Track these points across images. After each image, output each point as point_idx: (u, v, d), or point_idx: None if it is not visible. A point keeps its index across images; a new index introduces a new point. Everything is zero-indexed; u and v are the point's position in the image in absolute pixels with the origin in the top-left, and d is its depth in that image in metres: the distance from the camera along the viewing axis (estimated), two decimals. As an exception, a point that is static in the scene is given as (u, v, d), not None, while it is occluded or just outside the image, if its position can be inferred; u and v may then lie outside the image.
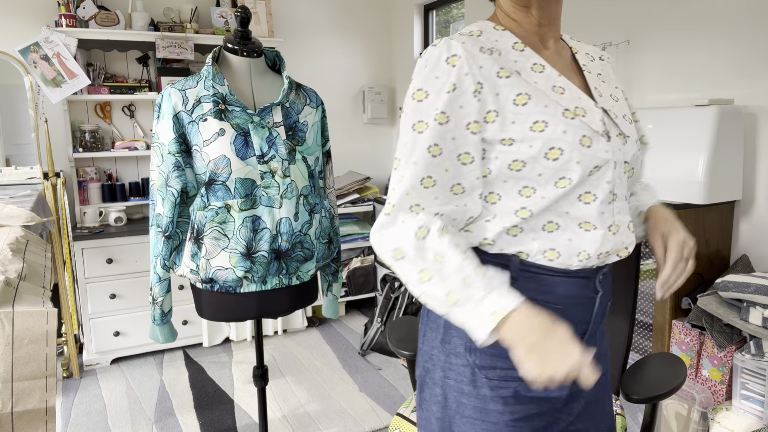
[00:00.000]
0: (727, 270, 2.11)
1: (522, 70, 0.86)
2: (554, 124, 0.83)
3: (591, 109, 0.87)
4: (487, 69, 0.84)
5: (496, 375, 0.87)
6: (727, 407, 1.90)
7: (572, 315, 0.90)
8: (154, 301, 1.62)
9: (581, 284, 0.90)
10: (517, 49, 0.88)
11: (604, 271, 0.94)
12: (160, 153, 1.54)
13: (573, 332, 0.91)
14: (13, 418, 0.82)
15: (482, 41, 0.87)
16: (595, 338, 0.98)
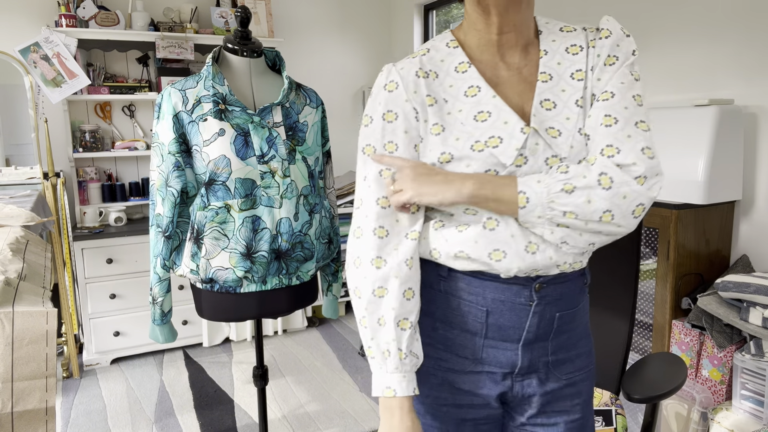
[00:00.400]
0: (727, 270, 2.11)
1: (453, 96, 0.89)
2: (459, 158, 0.86)
3: (511, 136, 0.84)
4: (420, 95, 0.89)
5: (427, 363, 0.96)
6: (727, 407, 1.90)
7: (502, 319, 0.91)
8: (154, 301, 1.62)
9: (513, 291, 0.90)
10: (460, 70, 0.90)
11: (546, 280, 0.90)
12: (160, 153, 1.54)
13: (502, 334, 0.91)
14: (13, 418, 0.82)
15: (424, 62, 0.91)
16: (539, 350, 0.93)
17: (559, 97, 0.87)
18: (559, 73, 0.89)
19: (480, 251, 0.87)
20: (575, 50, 0.90)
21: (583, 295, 0.98)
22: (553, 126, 0.86)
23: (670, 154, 2.06)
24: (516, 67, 0.90)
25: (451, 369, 0.94)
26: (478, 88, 0.88)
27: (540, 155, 0.85)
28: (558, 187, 0.80)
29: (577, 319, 0.96)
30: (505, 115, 0.86)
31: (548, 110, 0.86)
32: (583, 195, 0.80)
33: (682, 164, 2.02)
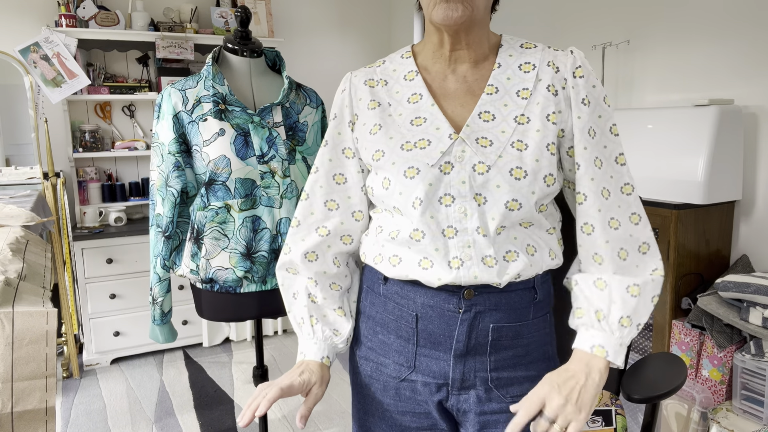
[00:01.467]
0: (727, 270, 2.11)
1: (396, 101, 0.94)
2: (389, 155, 0.90)
3: (439, 140, 0.87)
4: (363, 101, 0.96)
5: (369, 366, 0.99)
6: (727, 407, 1.90)
7: (431, 326, 0.91)
8: (154, 301, 1.62)
9: (441, 297, 0.89)
10: (408, 78, 0.95)
11: (476, 288, 0.88)
12: (160, 153, 1.54)
13: (433, 342, 0.91)
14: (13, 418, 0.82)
15: (376, 72, 0.98)
16: (475, 363, 0.91)
17: (499, 110, 0.89)
18: (507, 88, 0.91)
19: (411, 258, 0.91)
20: (527, 68, 0.91)
21: (533, 312, 0.93)
22: (485, 136, 0.87)
23: (670, 154, 2.06)
24: (464, 80, 0.93)
25: (390, 375, 0.96)
26: (420, 95, 0.92)
27: (467, 162, 0.86)
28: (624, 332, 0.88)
29: (524, 335, 0.92)
30: (438, 122, 0.89)
31: (485, 122, 0.88)
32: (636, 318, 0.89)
33: (682, 164, 2.02)
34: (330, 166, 0.99)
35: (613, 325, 0.88)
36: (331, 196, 0.98)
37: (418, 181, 0.86)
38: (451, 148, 0.87)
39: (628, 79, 2.51)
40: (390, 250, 0.92)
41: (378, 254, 0.95)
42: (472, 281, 0.86)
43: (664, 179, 2.08)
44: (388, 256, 0.92)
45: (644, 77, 2.45)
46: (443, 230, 0.86)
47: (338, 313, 0.99)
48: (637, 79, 2.47)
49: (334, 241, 1.00)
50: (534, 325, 0.94)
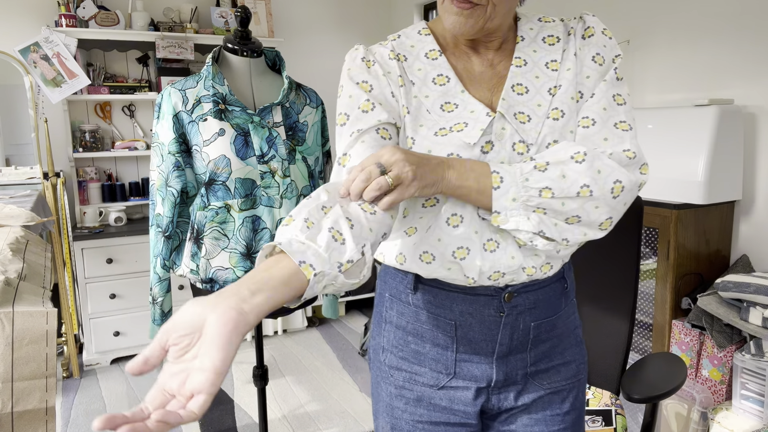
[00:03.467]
0: (727, 270, 2.11)
1: (420, 80, 0.86)
2: (421, 142, 0.83)
3: (477, 120, 0.82)
4: (393, 75, 0.86)
5: (401, 376, 0.92)
6: (727, 407, 1.90)
7: (472, 332, 0.87)
8: (154, 301, 1.62)
9: (481, 302, 0.86)
10: (431, 56, 0.87)
11: (516, 288, 0.86)
12: (160, 153, 1.54)
13: (474, 348, 0.88)
14: (13, 418, 0.82)
15: (394, 46, 0.88)
16: (517, 362, 0.90)
17: (532, 83, 0.85)
18: (534, 60, 0.86)
19: (444, 249, 0.83)
20: (552, 41, 0.88)
21: (564, 301, 0.93)
22: (522, 111, 0.83)
23: (670, 154, 2.06)
24: (490, 63, 0.88)
25: (426, 384, 0.91)
26: (447, 78, 0.86)
27: (507, 140, 0.82)
28: (530, 166, 0.77)
29: (558, 326, 0.92)
30: (472, 106, 0.84)
31: (519, 95, 0.84)
32: (557, 170, 0.76)
33: (682, 164, 2.02)
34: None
35: (525, 166, 0.78)
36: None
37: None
38: (490, 126, 0.82)
39: (628, 79, 2.51)
40: (420, 246, 0.85)
41: (399, 253, 0.88)
42: (509, 264, 0.82)
43: (664, 179, 2.08)
44: (419, 253, 0.85)
45: (644, 77, 2.45)
46: (479, 211, 0.81)
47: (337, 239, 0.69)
48: (637, 79, 2.47)
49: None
50: (565, 314, 0.93)
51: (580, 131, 0.83)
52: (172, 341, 0.54)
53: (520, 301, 0.87)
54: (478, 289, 0.85)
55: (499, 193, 0.77)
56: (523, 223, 0.77)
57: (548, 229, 0.77)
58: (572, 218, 0.78)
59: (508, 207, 0.77)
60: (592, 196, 0.76)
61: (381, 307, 0.97)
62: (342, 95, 0.86)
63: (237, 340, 0.54)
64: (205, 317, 0.54)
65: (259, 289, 0.59)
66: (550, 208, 0.77)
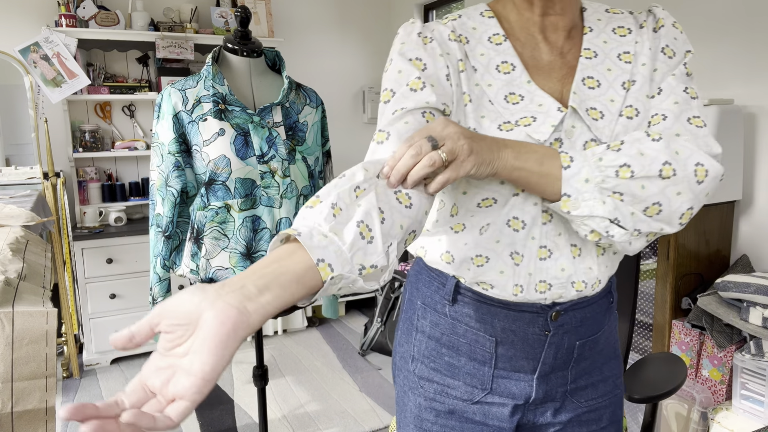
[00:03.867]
0: (727, 270, 2.11)
1: (483, 65, 0.78)
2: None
3: (547, 115, 0.75)
4: (453, 57, 0.78)
5: (432, 388, 0.87)
6: (727, 407, 1.90)
7: (513, 350, 0.82)
8: (154, 301, 1.62)
9: (525, 319, 0.80)
10: (494, 41, 0.79)
11: (565, 307, 0.80)
12: (160, 153, 1.54)
13: (514, 366, 0.82)
14: (13, 418, 0.82)
15: (455, 26, 0.80)
16: (557, 379, 0.85)
17: (604, 76, 0.77)
18: (605, 51, 0.79)
19: (501, 250, 0.77)
20: (623, 32, 0.81)
21: (608, 317, 0.87)
22: (594, 107, 0.75)
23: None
24: (559, 51, 0.80)
25: (459, 398, 0.85)
26: (512, 66, 0.78)
27: (577, 139, 0.75)
28: (602, 147, 0.70)
29: (601, 342, 0.87)
30: (540, 99, 0.76)
31: (591, 89, 0.76)
32: (633, 148, 0.68)
33: (682, 164, 2.02)
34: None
35: (597, 148, 0.71)
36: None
37: None
38: (561, 123, 0.74)
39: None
40: (474, 248, 0.78)
41: (446, 251, 0.81)
42: (557, 276, 0.77)
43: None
44: (471, 255, 0.79)
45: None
46: (540, 216, 0.76)
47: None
48: (637, 79, 2.47)
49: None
50: (608, 329, 0.88)
51: (651, 128, 0.76)
52: (165, 327, 0.48)
53: (567, 319, 0.81)
54: (524, 305, 0.80)
55: (569, 173, 0.68)
56: (598, 207, 0.68)
57: (624, 218, 0.69)
58: (652, 207, 0.69)
59: (581, 189, 0.68)
60: (675, 176, 0.67)
61: (412, 315, 0.91)
62: (389, 70, 0.77)
63: (234, 343, 0.48)
64: (201, 311, 0.47)
65: (267, 286, 0.51)
66: (628, 191, 0.68)
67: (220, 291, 0.49)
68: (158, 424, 0.45)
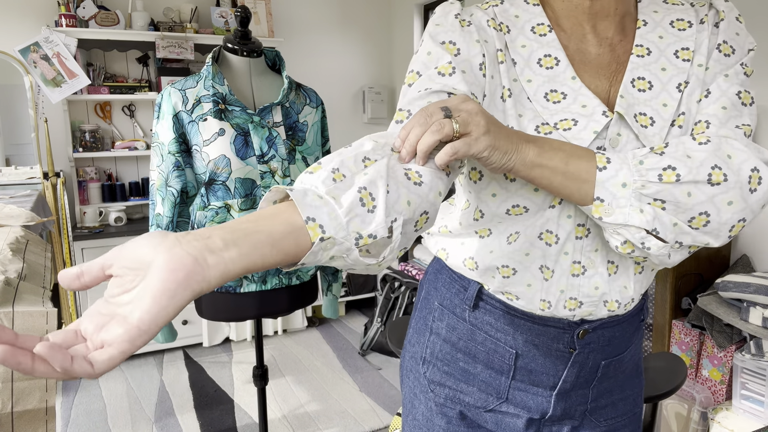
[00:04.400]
0: (727, 270, 2.11)
1: (524, 58, 0.71)
2: None
3: (590, 119, 0.68)
4: (491, 46, 0.71)
5: (443, 393, 0.83)
6: (727, 407, 1.90)
7: (533, 364, 0.77)
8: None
9: (550, 335, 0.75)
10: (538, 32, 0.72)
11: (594, 326, 0.75)
12: (160, 153, 1.54)
13: (533, 379, 0.78)
14: (13, 418, 0.82)
15: (496, 13, 0.74)
16: (577, 397, 0.80)
17: (657, 76, 0.69)
18: (661, 48, 0.70)
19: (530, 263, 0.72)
20: (682, 25, 0.72)
21: (637, 335, 0.82)
22: (644, 112, 0.67)
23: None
24: (609, 43, 0.72)
25: (472, 404, 0.81)
26: (556, 60, 0.70)
27: (623, 148, 0.67)
28: (644, 150, 0.62)
29: (626, 361, 0.82)
30: (584, 99, 0.68)
31: (641, 91, 0.68)
32: (679, 149, 0.61)
33: (682, 164, 2.02)
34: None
35: (638, 151, 0.63)
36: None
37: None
38: (606, 129, 0.67)
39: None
40: (501, 258, 0.74)
41: (470, 258, 0.77)
42: (590, 294, 0.72)
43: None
44: (497, 264, 0.74)
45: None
46: (575, 230, 0.70)
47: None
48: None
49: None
50: (635, 347, 0.83)
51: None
52: (116, 270, 0.44)
53: (594, 338, 0.76)
54: (550, 320, 0.74)
55: (605, 175, 0.60)
56: (635, 216, 0.60)
57: (664, 229, 0.60)
58: (699, 218, 0.61)
59: (617, 194, 0.60)
60: (726, 182, 0.59)
61: (427, 315, 0.86)
62: (419, 52, 0.71)
63: (184, 295, 0.42)
64: (155, 255, 0.42)
65: (236, 242, 0.45)
66: (672, 198, 0.59)
67: (181, 238, 0.44)
68: (75, 367, 0.39)
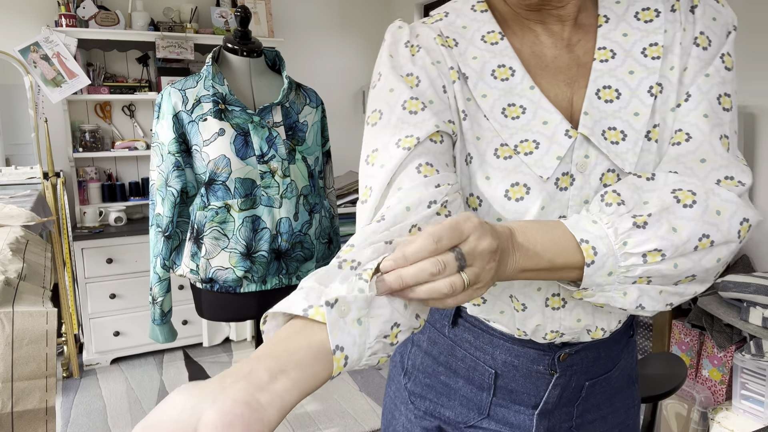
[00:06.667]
0: (727, 270, 2.11)
1: (476, 72, 0.64)
2: (478, 162, 0.63)
3: (551, 140, 0.61)
4: (444, 65, 0.65)
5: (423, 405, 0.79)
6: (727, 407, 1.90)
7: (514, 384, 0.72)
8: (154, 301, 1.62)
9: (529, 356, 0.70)
10: (489, 41, 0.65)
11: (577, 348, 0.70)
12: (160, 153, 1.54)
13: (514, 399, 0.74)
14: (13, 418, 0.82)
15: (441, 28, 0.67)
16: (561, 415, 0.75)
17: (624, 82, 0.62)
18: (626, 48, 0.63)
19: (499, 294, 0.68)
20: (649, 15, 0.63)
21: (626, 349, 0.77)
22: (613, 126, 0.61)
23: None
24: (566, 44, 0.65)
25: (452, 419, 0.77)
26: (511, 70, 0.64)
27: (592, 172, 0.61)
28: (627, 223, 0.55)
29: (614, 377, 0.77)
30: (545, 114, 0.62)
31: (609, 102, 0.61)
32: (664, 223, 0.54)
33: (682, 164, 2.03)
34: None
35: (620, 222, 0.55)
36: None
37: (529, 204, 0.61)
38: (570, 152, 0.61)
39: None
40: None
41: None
42: (572, 327, 0.67)
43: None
44: None
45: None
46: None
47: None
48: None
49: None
50: (624, 362, 0.78)
51: (670, 150, 0.61)
52: None
53: (578, 359, 0.71)
54: (528, 342, 0.70)
55: (592, 270, 0.55)
56: (618, 300, 0.57)
57: (649, 301, 0.58)
58: (685, 279, 0.58)
59: (602, 283, 0.56)
60: (713, 246, 0.56)
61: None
62: (379, 86, 0.64)
63: None
64: (199, 414, 0.35)
65: (283, 369, 0.40)
66: (658, 274, 0.56)
67: (222, 383, 0.38)
68: None
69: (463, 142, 0.63)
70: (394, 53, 0.66)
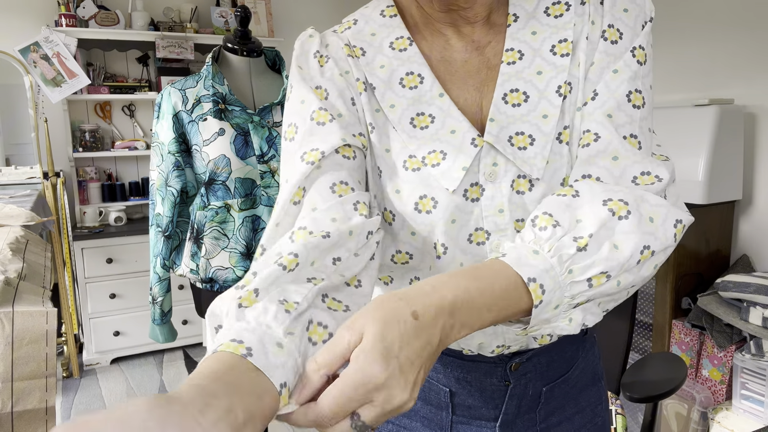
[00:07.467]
0: (727, 270, 2.11)
1: (384, 82, 0.62)
2: (388, 176, 0.61)
3: (459, 150, 0.59)
4: (351, 76, 0.63)
5: (386, 428, 0.77)
6: (727, 407, 1.90)
7: (471, 399, 0.71)
8: (154, 301, 1.62)
9: (481, 370, 0.69)
10: (398, 47, 0.63)
11: (528, 356, 0.69)
12: (160, 152, 1.54)
13: (473, 414, 0.72)
14: (13, 418, 0.82)
15: (349, 36, 0.65)
16: (525, 422, 0.74)
17: (532, 84, 0.60)
18: (535, 47, 0.61)
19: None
20: (559, 10, 0.61)
21: (583, 347, 0.75)
22: (521, 131, 0.59)
23: (670, 154, 2.07)
24: (476, 47, 0.63)
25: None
26: (419, 77, 0.62)
27: (502, 179, 0.58)
28: (570, 248, 0.50)
29: (574, 377, 0.76)
30: (453, 122, 0.60)
31: (516, 106, 0.59)
32: (605, 242, 0.51)
33: (682, 164, 2.02)
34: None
35: (563, 247, 0.50)
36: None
37: (438, 216, 0.59)
38: (477, 162, 0.59)
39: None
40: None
41: None
42: (517, 339, 0.65)
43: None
44: None
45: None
46: None
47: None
48: (637, 79, 2.48)
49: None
50: (583, 360, 0.76)
51: (581, 153, 0.58)
52: None
53: (530, 367, 0.69)
54: (477, 356, 0.68)
55: (539, 309, 0.51)
56: (564, 327, 0.54)
57: (591, 317, 0.55)
58: (617, 295, 0.55)
59: (548, 317, 0.52)
60: (653, 255, 0.53)
61: None
62: (292, 99, 0.63)
63: None
64: None
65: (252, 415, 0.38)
66: (601, 294, 0.53)
67: (197, 417, 0.34)
68: None
69: (373, 155, 0.62)
70: (303, 64, 0.64)
